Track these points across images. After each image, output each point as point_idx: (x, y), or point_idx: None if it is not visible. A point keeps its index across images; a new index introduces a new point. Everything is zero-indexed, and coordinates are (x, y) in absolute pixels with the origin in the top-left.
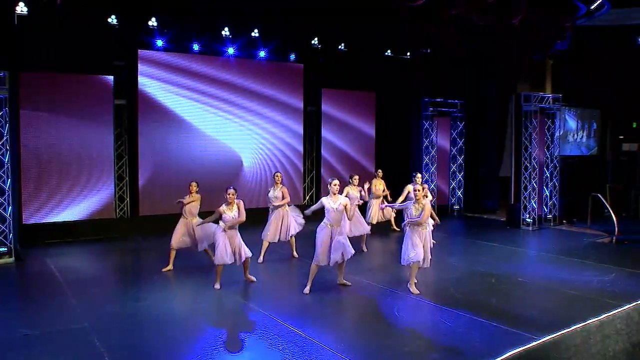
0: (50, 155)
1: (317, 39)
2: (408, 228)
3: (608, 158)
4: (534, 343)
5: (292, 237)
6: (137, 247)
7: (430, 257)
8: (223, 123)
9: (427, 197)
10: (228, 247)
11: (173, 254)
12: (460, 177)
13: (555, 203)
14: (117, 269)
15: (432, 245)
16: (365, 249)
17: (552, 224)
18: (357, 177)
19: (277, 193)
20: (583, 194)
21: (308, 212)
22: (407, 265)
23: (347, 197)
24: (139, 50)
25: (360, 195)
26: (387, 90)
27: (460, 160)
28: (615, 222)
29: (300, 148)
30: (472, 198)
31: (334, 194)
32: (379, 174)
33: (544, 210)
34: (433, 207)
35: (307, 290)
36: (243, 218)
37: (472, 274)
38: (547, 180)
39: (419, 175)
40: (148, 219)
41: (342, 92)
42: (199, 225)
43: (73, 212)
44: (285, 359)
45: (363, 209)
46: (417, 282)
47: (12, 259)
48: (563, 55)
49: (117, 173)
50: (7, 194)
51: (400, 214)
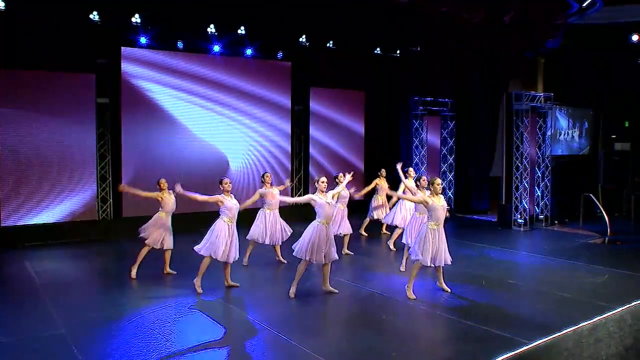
0: (30, 155)
1: (305, 37)
2: (426, 226)
3: (600, 157)
4: (525, 347)
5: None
6: (119, 249)
7: (449, 255)
8: (209, 122)
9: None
10: (228, 243)
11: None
12: (451, 176)
13: (547, 203)
14: (98, 273)
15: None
16: (350, 252)
17: (543, 225)
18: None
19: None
20: (575, 194)
21: (291, 200)
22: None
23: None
24: (122, 48)
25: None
26: (376, 89)
27: (451, 160)
28: (608, 222)
29: (288, 147)
30: (463, 198)
31: (322, 192)
32: (382, 174)
33: (536, 211)
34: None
35: (292, 294)
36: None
37: (462, 276)
38: (538, 180)
39: (411, 169)
40: (131, 221)
41: (330, 90)
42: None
43: (54, 213)
44: None
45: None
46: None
47: None
48: (555, 54)
49: (99, 173)
50: None
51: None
